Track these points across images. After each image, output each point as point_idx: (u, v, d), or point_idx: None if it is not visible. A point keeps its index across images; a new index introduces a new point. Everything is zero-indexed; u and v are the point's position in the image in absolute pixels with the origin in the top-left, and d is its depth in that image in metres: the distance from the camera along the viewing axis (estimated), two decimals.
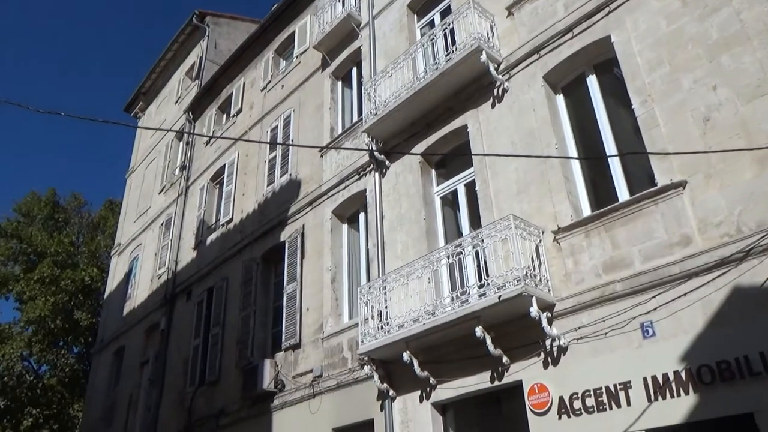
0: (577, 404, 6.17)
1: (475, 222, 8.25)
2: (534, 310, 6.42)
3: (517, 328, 6.78)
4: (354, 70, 12.21)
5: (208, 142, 16.24)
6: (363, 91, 10.41)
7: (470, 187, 8.64)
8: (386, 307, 7.97)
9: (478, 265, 7.22)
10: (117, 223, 22.29)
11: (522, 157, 7.50)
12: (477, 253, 7.24)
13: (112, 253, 20.72)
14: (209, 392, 11.85)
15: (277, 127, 13.40)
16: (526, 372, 6.74)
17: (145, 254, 17.33)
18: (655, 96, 6.60)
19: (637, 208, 6.34)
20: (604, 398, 5.99)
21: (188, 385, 12.65)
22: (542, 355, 6.65)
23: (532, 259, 6.87)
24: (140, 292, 16.71)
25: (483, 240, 7.10)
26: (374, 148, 9.81)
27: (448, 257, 7.50)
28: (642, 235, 6.23)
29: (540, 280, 6.77)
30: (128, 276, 18.09)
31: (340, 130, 11.62)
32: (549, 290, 6.78)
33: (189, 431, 11.81)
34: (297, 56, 13.75)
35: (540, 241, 7.05)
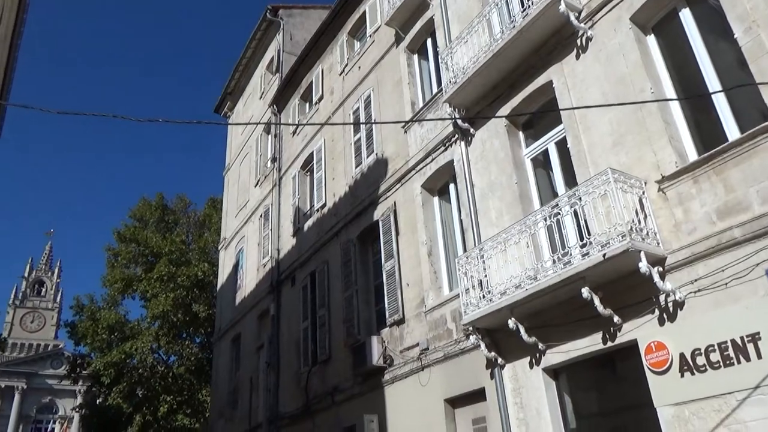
0: (701, 360, 5.85)
1: (570, 181, 7.94)
2: (644, 266, 6.12)
3: (627, 286, 6.50)
4: (429, 41, 12.04)
5: (294, 132, 16.72)
6: (440, 61, 10.27)
7: (562, 145, 8.32)
8: (486, 276, 7.90)
9: (578, 225, 6.96)
10: (220, 219, 23.57)
11: (615, 106, 7.10)
12: (575, 213, 6.98)
13: (219, 248, 21.99)
14: (322, 371, 12.36)
15: (358, 108, 13.54)
16: (641, 330, 6.46)
17: (249, 246, 18.25)
18: (760, 21, 6.00)
19: (751, 145, 5.83)
20: (731, 352, 5.63)
21: (302, 366, 13.27)
22: (657, 312, 6.34)
23: (636, 212, 6.53)
24: (248, 281, 17.64)
25: (581, 198, 6.83)
26: (457, 117, 9.67)
27: (545, 219, 7.29)
28: (759, 174, 5.73)
29: (647, 233, 6.43)
30: (236, 267, 19.14)
31: (421, 104, 11.56)
32: (658, 243, 6.42)
33: (308, 409, 12.40)
34: (370, 35, 13.76)
35: (643, 192, 6.68)
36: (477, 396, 8.44)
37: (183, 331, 26.90)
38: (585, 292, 6.54)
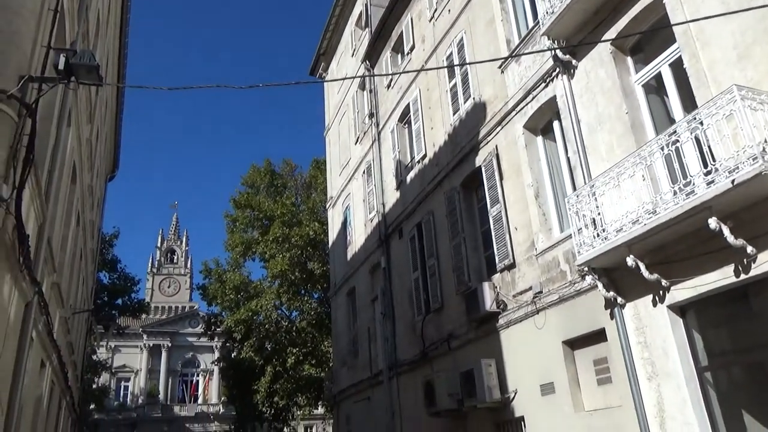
0: None
1: (689, 105, 7.31)
2: None
3: (761, 213, 5.96)
4: None
5: (389, 86, 16.67)
6: None
7: (677, 67, 7.64)
8: (599, 214, 7.56)
9: (701, 151, 6.43)
10: (325, 179, 24.29)
11: (740, 12, 6.35)
12: (696, 138, 6.44)
13: (327, 207, 22.75)
14: (436, 319, 12.60)
15: (451, 54, 13.19)
16: None
17: (355, 202, 18.70)
18: None
19: None
20: None
21: (416, 315, 13.59)
22: None
23: None
24: (357, 237, 18.17)
25: (702, 122, 6.28)
26: (557, 48, 9.14)
27: (662, 149, 6.79)
28: None
29: None
30: (345, 225, 19.75)
31: (516, 41, 11.04)
32: None
33: (425, 355, 12.74)
34: None
35: None
36: (597, 337, 8.24)
37: (301, 288, 28.46)
38: (712, 222, 6.08)
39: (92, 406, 36.40)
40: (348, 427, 17.81)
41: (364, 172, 17.98)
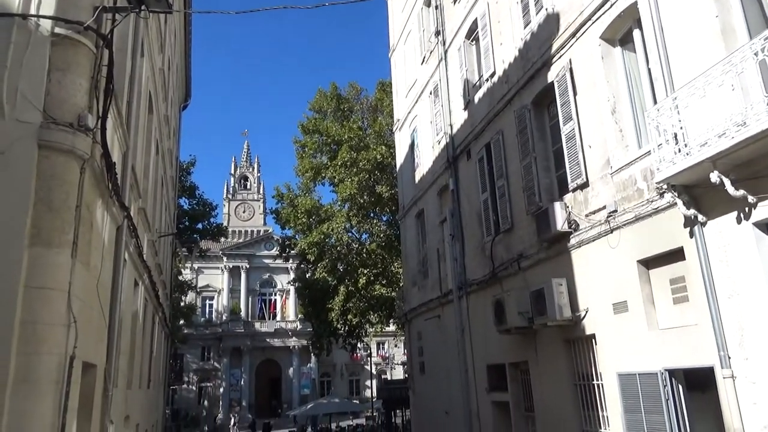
0: None
1: None
2: None
3: None
4: None
5: (455, 0, 15.94)
6: None
7: None
8: (682, 128, 7.13)
9: None
10: (391, 101, 24.01)
11: None
12: None
13: (393, 130, 22.62)
14: (506, 239, 12.57)
15: None
16: None
17: (422, 124, 18.47)
18: None
19: None
20: None
21: (485, 236, 13.60)
22: None
23: None
24: (425, 159, 18.08)
25: None
26: None
27: (756, 54, 6.22)
28: None
29: None
30: (412, 147, 19.64)
31: None
32: None
33: (494, 275, 12.85)
34: None
35: None
36: (674, 256, 8.00)
37: (370, 211, 28.97)
38: None
39: (181, 322, 39.43)
40: (419, 343, 18.50)
41: (430, 93, 17.61)
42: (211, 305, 57.99)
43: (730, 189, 6.70)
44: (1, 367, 4.42)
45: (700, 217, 7.39)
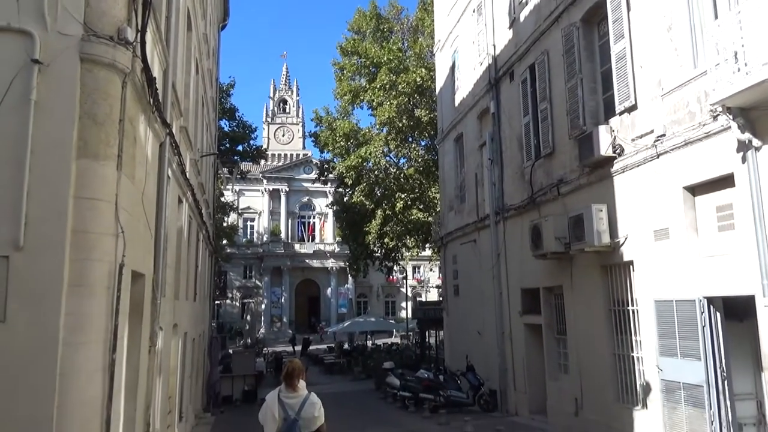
0: None
1: None
2: None
3: None
4: None
5: None
6: None
7: None
8: (743, 45, 6.68)
9: None
10: (433, 21, 23.11)
11: None
12: None
13: (434, 51, 21.93)
14: (546, 164, 12.32)
15: None
16: None
17: (464, 45, 17.83)
18: None
19: None
20: None
21: (525, 160, 13.36)
22: None
23: None
24: (465, 82, 17.57)
25: None
26: None
27: None
28: None
29: None
30: (452, 69, 19.08)
31: None
32: None
33: (532, 201, 12.71)
34: None
35: None
36: (722, 182, 7.71)
37: (409, 135, 28.61)
38: None
39: (224, 242, 40.71)
40: (454, 266, 18.72)
41: (474, 11, 16.87)
42: (252, 226, 59.50)
43: None
44: (57, 271, 4.67)
45: (755, 142, 7.05)
